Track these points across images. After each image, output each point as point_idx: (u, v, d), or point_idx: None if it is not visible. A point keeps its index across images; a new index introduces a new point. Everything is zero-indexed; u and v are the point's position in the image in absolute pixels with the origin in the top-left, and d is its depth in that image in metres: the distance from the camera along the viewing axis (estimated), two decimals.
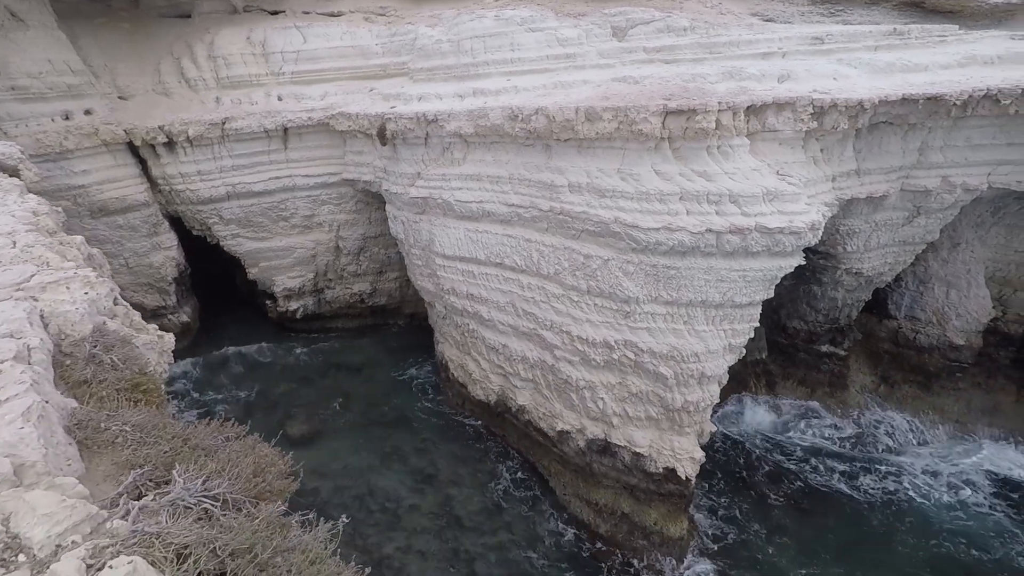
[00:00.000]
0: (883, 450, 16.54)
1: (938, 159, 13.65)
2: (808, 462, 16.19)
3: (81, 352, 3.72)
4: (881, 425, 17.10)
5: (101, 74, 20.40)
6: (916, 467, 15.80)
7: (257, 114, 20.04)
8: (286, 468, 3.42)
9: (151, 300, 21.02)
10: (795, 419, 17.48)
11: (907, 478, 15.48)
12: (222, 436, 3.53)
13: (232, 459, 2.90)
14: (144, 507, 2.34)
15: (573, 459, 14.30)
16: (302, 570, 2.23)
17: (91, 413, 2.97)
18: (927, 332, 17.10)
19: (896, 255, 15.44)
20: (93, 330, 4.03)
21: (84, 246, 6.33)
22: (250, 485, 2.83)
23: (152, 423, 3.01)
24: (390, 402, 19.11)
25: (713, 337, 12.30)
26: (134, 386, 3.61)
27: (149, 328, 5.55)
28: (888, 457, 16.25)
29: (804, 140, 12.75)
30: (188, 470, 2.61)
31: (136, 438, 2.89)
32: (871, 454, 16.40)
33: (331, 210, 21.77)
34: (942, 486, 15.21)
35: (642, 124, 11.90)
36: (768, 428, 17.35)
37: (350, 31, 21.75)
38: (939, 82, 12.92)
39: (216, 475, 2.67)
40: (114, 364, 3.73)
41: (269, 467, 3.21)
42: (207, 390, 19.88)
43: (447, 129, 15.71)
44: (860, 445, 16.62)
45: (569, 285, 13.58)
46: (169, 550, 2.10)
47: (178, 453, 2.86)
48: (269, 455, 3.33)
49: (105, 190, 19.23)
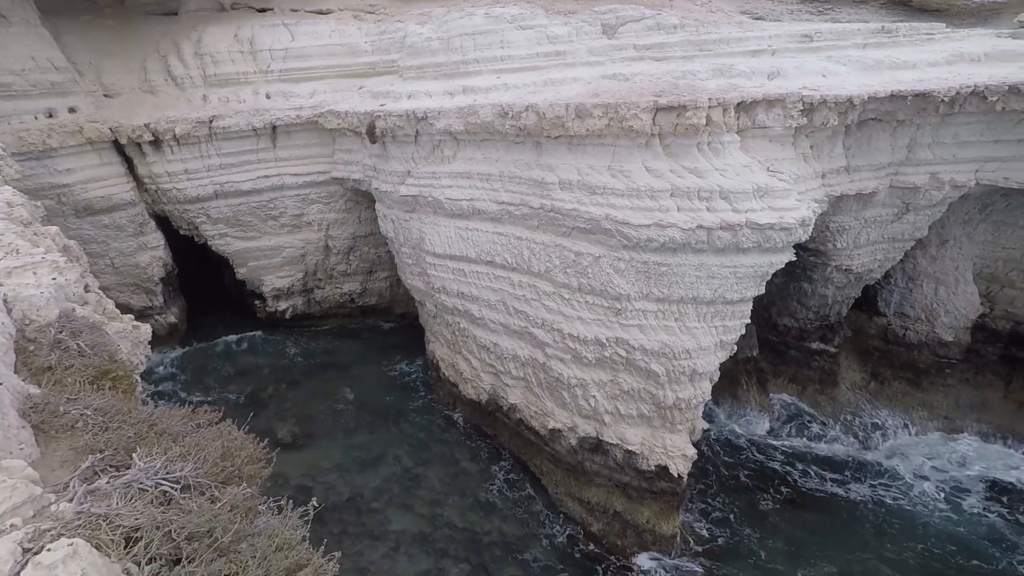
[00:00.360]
0: (874, 451, 16.57)
1: (926, 156, 13.71)
2: (798, 465, 16.20)
3: (46, 338, 3.57)
4: (872, 426, 17.13)
5: (86, 71, 20.12)
6: (906, 469, 15.83)
7: (245, 112, 19.83)
8: (257, 453, 3.29)
9: (137, 301, 20.74)
10: (786, 421, 17.49)
11: (898, 480, 15.50)
12: (193, 423, 3.40)
13: (199, 443, 2.78)
14: (95, 490, 2.21)
15: (565, 458, 14.21)
16: (267, 556, 2.12)
17: (49, 396, 2.84)
18: (916, 329, 17.17)
19: (885, 252, 15.50)
20: (60, 315, 3.88)
21: (59, 237, 6.17)
22: (217, 469, 2.71)
23: (116, 408, 2.89)
24: (381, 402, 18.95)
25: (704, 334, 12.27)
26: (103, 373, 3.47)
27: (124, 317, 5.40)
28: (879, 459, 16.26)
29: (794, 137, 12.77)
30: (151, 454, 2.48)
31: (98, 423, 2.77)
32: (862, 456, 16.42)
33: (320, 209, 21.59)
34: (932, 488, 15.24)
35: (632, 120, 11.87)
36: (759, 430, 17.35)
37: (339, 29, 21.60)
38: (927, 79, 13.00)
39: (180, 459, 2.54)
40: (81, 350, 3.59)
41: (238, 451, 3.08)
42: (195, 391, 19.61)
43: (437, 127, 15.61)
44: (851, 446, 16.64)
45: (560, 283, 13.52)
46: (117, 533, 1.97)
47: (143, 438, 2.73)
48: (239, 439, 3.21)
49: (90, 189, 18.94)
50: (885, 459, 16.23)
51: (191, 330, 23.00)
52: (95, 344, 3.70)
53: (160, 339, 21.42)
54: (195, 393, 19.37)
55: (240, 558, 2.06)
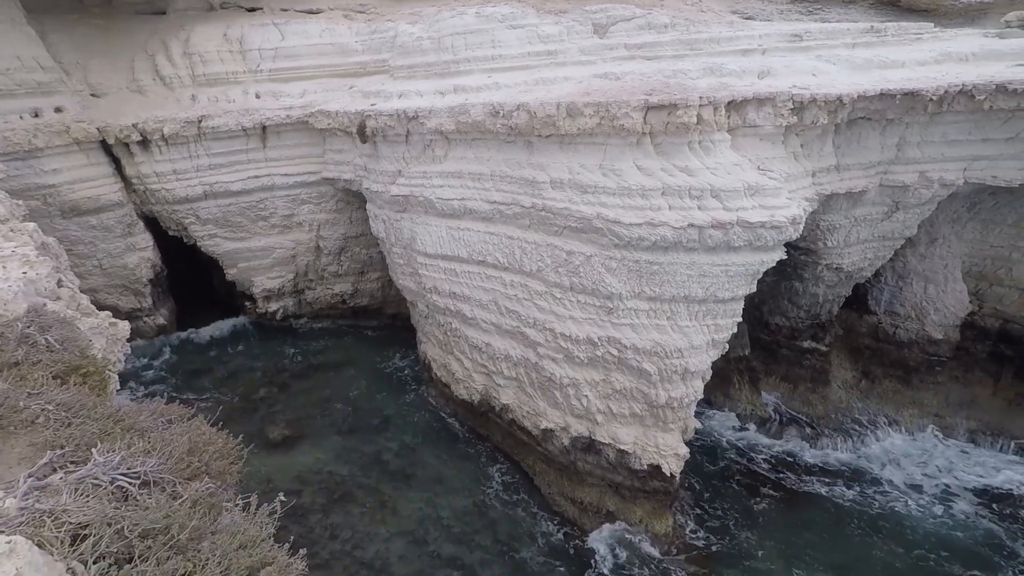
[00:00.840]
0: (865, 451, 16.61)
1: (915, 154, 13.76)
2: (788, 465, 16.22)
3: (12, 332, 3.46)
4: (864, 425, 17.18)
5: (72, 71, 19.92)
6: (897, 471, 15.85)
7: (234, 112, 19.69)
8: (228, 448, 3.20)
9: (126, 302, 20.54)
10: (777, 421, 17.51)
11: (888, 482, 15.50)
12: (163, 418, 3.30)
13: (165, 438, 2.68)
14: (44, 486, 2.13)
15: (558, 457, 14.16)
16: (228, 554, 2.03)
17: (8, 391, 2.74)
18: (906, 327, 17.25)
19: (875, 250, 15.55)
20: (28, 310, 3.78)
21: (37, 234, 6.04)
22: (183, 465, 2.62)
23: (80, 403, 2.79)
24: (373, 403, 18.83)
25: (696, 332, 12.26)
26: (72, 369, 3.37)
27: (99, 313, 5.28)
28: (870, 460, 16.27)
29: (784, 135, 12.78)
30: (112, 448, 2.39)
31: (60, 418, 2.66)
32: (853, 457, 16.44)
33: (311, 209, 21.46)
34: (923, 491, 15.24)
35: (624, 119, 11.85)
36: (750, 429, 17.38)
37: (329, 28, 21.50)
38: (916, 78, 13.05)
39: (143, 453, 2.45)
40: (50, 345, 3.49)
41: (206, 446, 2.99)
42: (185, 393, 19.39)
43: (428, 126, 15.54)
44: (843, 447, 16.68)
45: (552, 282, 13.47)
46: (62, 530, 1.89)
47: (107, 433, 2.64)
48: (207, 433, 3.11)
49: (77, 189, 18.75)
50: (876, 460, 16.26)
51: (180, 332, 22.79)
52: (65, 339, 3.60)
53: (150, 341, 21.26)
54: (186, 395, 19.17)
55: (199, 556, 1.98)
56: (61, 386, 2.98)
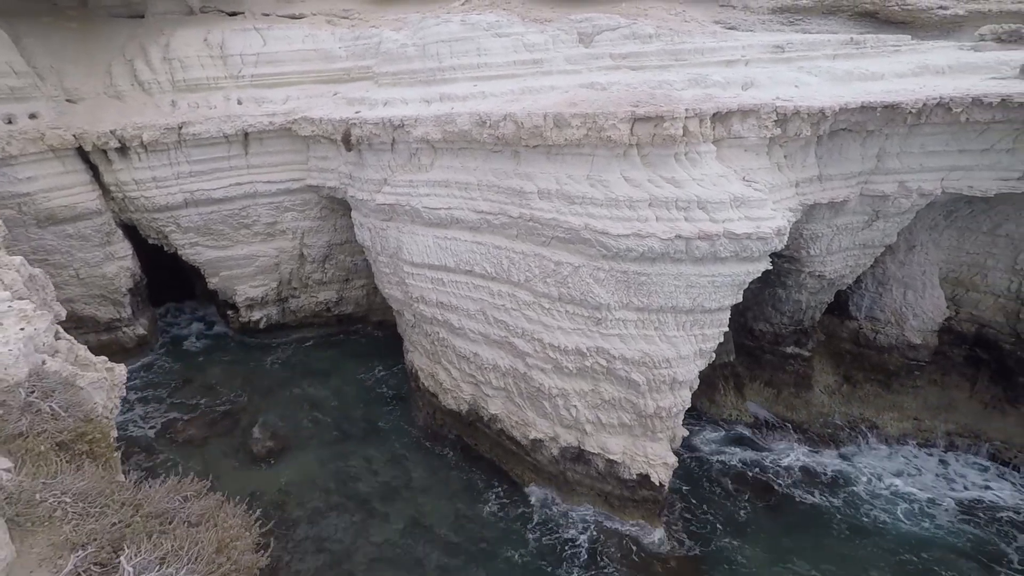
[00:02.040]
0: (847, 457, 16.90)
1: (895, 165, 14.04)
2: (772, 471, 16.43)
3: (15, 400, 3.33)
4: (845, 431, 17.49)
5: (47, 76, 19.44)
6: (879, 477, 16.14)
7: (216, 118, 19.39)
8: (254, 539, 3.11)
9: (104, 312, 20.11)
10: (761, 426, 17.75)
11: (871, 490, 15.76)
12: (180, 496, 3.20)
13: (191, 536, 2.58)
14: None
15: (547, 467, 14.19)
16: None
17: (23, 483, 2.62)
18: (886, 332, 17.57)
19: (856, 258, 15.83)
20: (30, 373, 3.64)
21: (24, 267, 5.85)
22: (213, 567, 2.53)
23: (97, 489, 2.68)
24: (359, 413, 18.68)
25: (684, 342, 12.37)
26: (78, 436, 3.25)
27: (96, 363, 5.12)
28: (852, 466, 16.55)
29: (768, 147, 12.95)
30: (139, 551, 2.30)
31: (78, 510, 2.55)
32: (834, 462, 16.71)
33: (295, 217, 21.22)
34: (907, 499, 15.51)
35: (611, 131, 11.92)
36: (734, 436, 17.58)
37: (312, 34, 21.29)
38: (895, 90, 13.32)
39: (172, 556, 2.36)
40: (54, 413, 3.36)
41: (234, 541, 2.89)
42: (166, 405, 19.08)
43: (414, 135, 15.47)
44: (825, 453, 16.96)
45: (540, 292, 13.49)
46: None
47: (128, 525, 2.54)
48: (234, 527, 3.01)
49: (52, 198, 18.30)
50: (859, 465, 16.53)
51: (160, 341, 22.39)
52: (69, 404, 3.47)
53: (129, 351, 20.85)
54: (167, 408, 18.85)
55: None
56: (75, 469, 2.85)
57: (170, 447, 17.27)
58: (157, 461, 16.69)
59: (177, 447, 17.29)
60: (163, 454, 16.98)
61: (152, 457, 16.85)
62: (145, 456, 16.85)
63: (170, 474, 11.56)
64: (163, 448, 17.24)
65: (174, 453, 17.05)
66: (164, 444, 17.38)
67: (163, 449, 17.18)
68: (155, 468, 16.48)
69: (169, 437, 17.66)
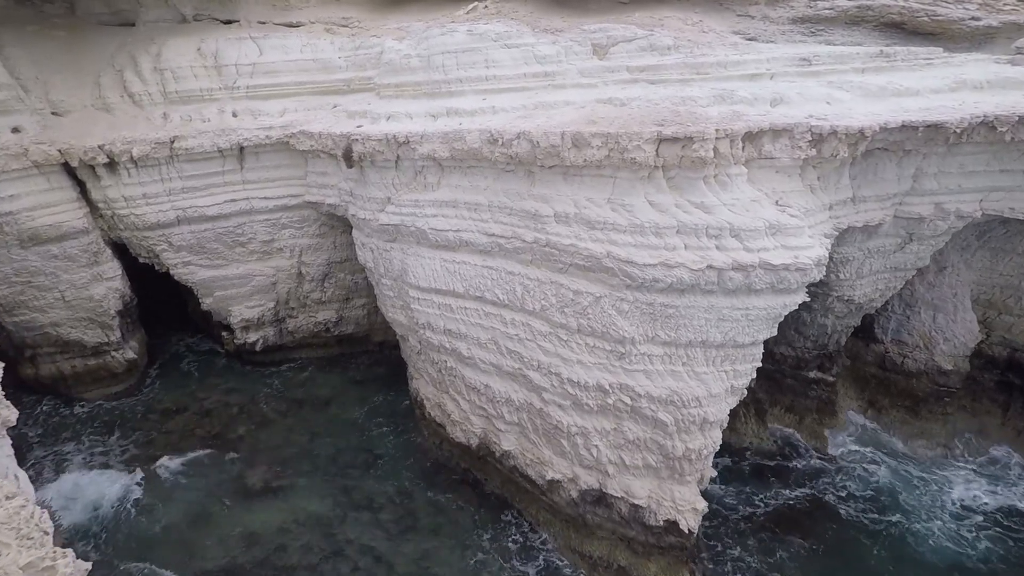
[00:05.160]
0: (878, 483, 16.09)
1: (932, 186, 13.28)
2: (801, 499, 15.61)
3: None
4: (875, 457, 16.69)
5: (32, 88, 18.47)
6: (915, 501, 15.36)
7: (210, 132, 18.45)
8: None
9: (91, 336, 19.10)
10: (786, 454, 16.91)
11: (905, 514, 15.02)
12: None
13: None
14: None
15: (564, 509, 13.30)
16: None
17: None
18: (914, 356, 16.80)
19: (887, 281, 15.06)
20: None
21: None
22: None
23: None
24: (360, 443, 17.74)
25: (714, 379, 11.52)
26: None
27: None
28: (885, 495, 15.75)
29: (801, 168, 12.14)
30: None
31: None
32: (865, 488, 15.91)
33: (292, 234, 20.28)
34: (943, 518, 14.79)
35: (635, 152, 11.09)
36: (760, 463, 16.73)
37: (311, 43, 20.38)
38: (933, 107, 12.53)
39: None
40: None
41: None
42: (156, 436, 18.10)
43: (420, 152, 14.60)
44: (855, 478, 16.13)
45: (557, 323, 12.62)
46: None
47: None
48: None
49: (37, 216, 17.30)
50: (890, 490, 15.72)
51: (152, 364, 21.41)
52: None
53: (118, 376, 19.89)
54: (155, 442, 17.87)
55: None
56: None
57: (159, 481, 16.28)
58: (145, 495, 15.74)
59: (169, 479, 16.30)
60: (152, 487, 16.00)
61: (141, 490, 15.89)
62: (134, 490, 15.88)
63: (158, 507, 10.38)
64: (154, 481, 16.26)
65: (167, 485, 16.08)
66: (153, 478, 16.39)
67: (151, 483, 16.20)
68: (141, 501, 15.57)
69: (160, 469, 16.67)
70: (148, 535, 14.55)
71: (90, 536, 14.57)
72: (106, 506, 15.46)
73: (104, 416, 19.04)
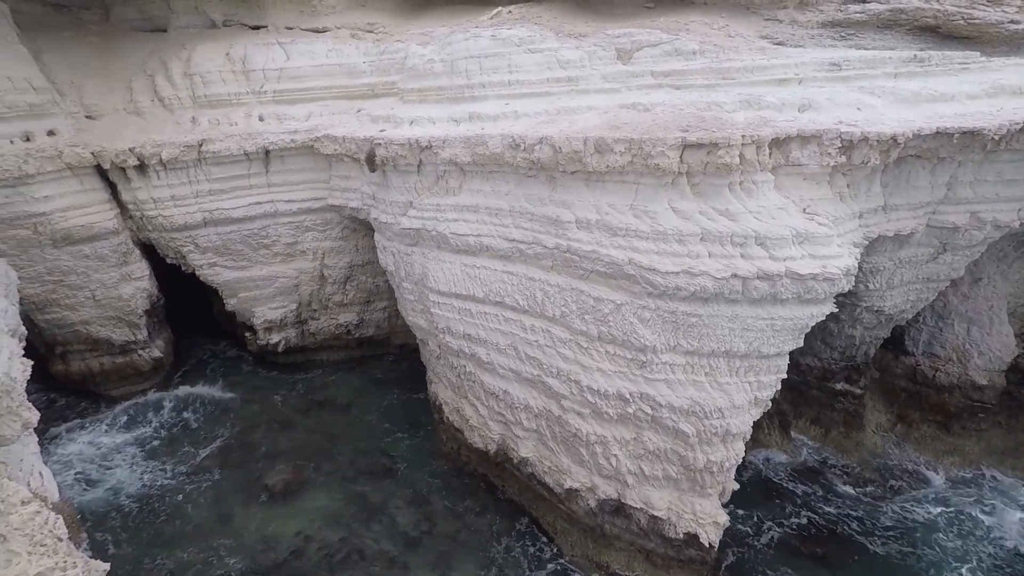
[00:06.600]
0: (905, 502, 15.59)
1: (967, 194, 12.87)
2: (826, 515, 15.20)
3: None
4: (903, 473, 16.17)
5: (67, 92, 18.98)
6: (949, 522, 14.85)
7: (237, 136, 18.73)
8: None
9: (119, 335, 19.50)
10: (810, 467, 16.48)
11: (937, 534, 14.52)
12: None
13: None
14: None
15: (582, 518, 13.13)
16: None
17: None
18: (947, 370, 16.27)
19: (919, 292, 14.61)
20: None
21: None
22: None
23: None
24: (379, 446, 17.79)
25: (738, 390, 11.28)
26: None
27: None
28: (916, 516, 15.25)
29: (830, 175, 11.85)
30: None
31: None
32: (892, 507, 15.42)
33: (315, 237, 20.48)
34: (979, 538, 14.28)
35: (659, 158, 10.93)
36: (782, 476, 16.35)
37: (336, 48, 20.60)
38: (970, 113, 12.14)
39: None
40: None
41: None
42: (179, 435, 18.39)
43: (442, 157, 14.62)
44: (881, 496, 15.66)
45: (577, 330, 12.49)
46: None
47: None
48: None
49: (70, 217, 17.74)
50: (922, 511, 15.21)
51: (177, 363, 21.78)
52: None
53: (144, 374, 20.26)
54: (179, 440, 18.15)
55: None
56: None
57: (182, 478, 16.52)
58: (165, 492, 15.96)
59: (190, 478, 16.53)
60: (175, 486, 16.24)
61: (163, 489, 16.13)
62: (157, 488, 16.13)
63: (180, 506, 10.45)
64: (175, 479, 16.49)
65: (187, 484, 16.30)
66: (175, 477, 16.63)
67: (175, 480, 16.44)
68: (163, 499, 15.79)
69: (179, 469, 16.91)
70: (167, 532, 14.72)
71: (108, 528, 14.77)
72: (126, 499, 15.70)
73: (129, 411, 19.39)
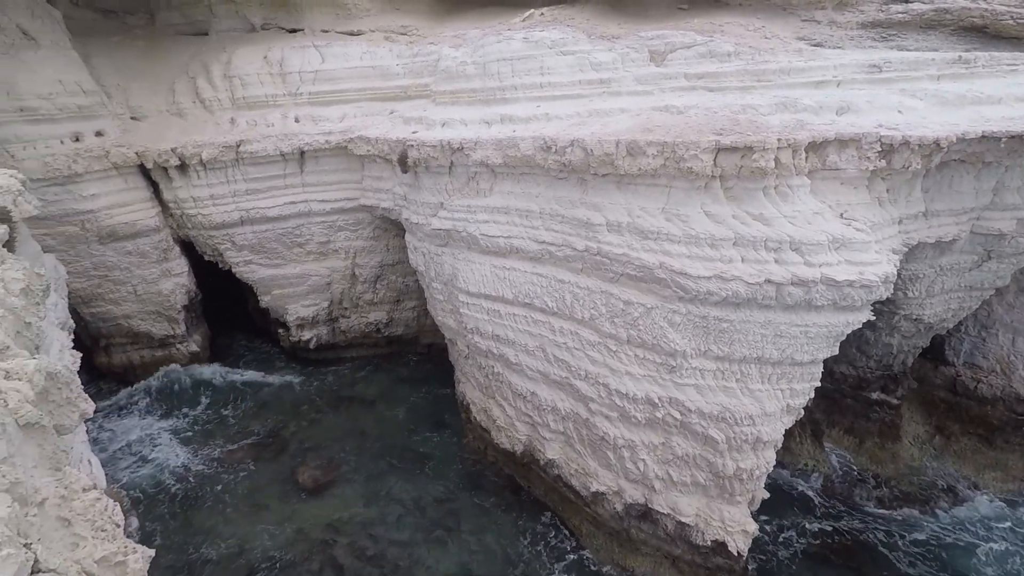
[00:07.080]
0: (945, 518, 15.13)
1: (1014, 200, 12.44)
2: (859, 530, 14.85)
3: None
4: (943, 489, 15.69)
5: (114, 94, 19.72)
6: (984, 541, 14.38)
7: (273, 136, 19.21)
8: None
9: (159, 329, 20.19)
10: (843, 479, 16.11)
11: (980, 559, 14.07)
12: None
13: None
14: None
15: (608, 522, 13.09)
16: None
17: None
18: (990, 382, 15.74)
19: (961, 301, 14.18)
20: None
21: None
22: None
23: None
24: (407, 443, 18.02)
25: (769, 398, 11.11)
26: None
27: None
28: (956, 536, 14.80)
29: (869, 180, 11.59)
30: None
31: None
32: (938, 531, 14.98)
33: (347, 236, 20.86)
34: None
35: (691, 161, 10.84)
36: (815, 488, 16.02)
37: (370, 51, 20.95)
38: (1018, 116, 11.74)
39: None
40: None
41: None
42: (213, 429, 18.90)
43: (473, 158, 14.74)
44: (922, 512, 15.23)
45: (606, 332, 12.46)
46: None
47: None
48: None
49: (114, 215, 18.46)
50: (963, 530, 14.74)
51: (213, 358, 22.39)
52: None
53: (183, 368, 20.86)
54: (212, 433, 18.66)
55: None
56: None
57: (216, 471, 16.99)
58: (198, 482, 16.44)
59: (225, 470, 16.99)
60: (210, 477, 16.71)
61: (199, 479, 16.62)
62: (192, 480, 16.62)
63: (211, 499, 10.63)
64: (210, 471, 16.97)
65: (223, 475, 16.76)
66: (212, 467, 17.11)
67: (209, 472, 16.92)
68: (195, 489, 16.23)
69: (216, 460, 17.40)
70: (198, 523, 15.15)
71: (147, 518, 15.29)
72: (162, 491, 16.23)
73: (166, 400, 20.02)
